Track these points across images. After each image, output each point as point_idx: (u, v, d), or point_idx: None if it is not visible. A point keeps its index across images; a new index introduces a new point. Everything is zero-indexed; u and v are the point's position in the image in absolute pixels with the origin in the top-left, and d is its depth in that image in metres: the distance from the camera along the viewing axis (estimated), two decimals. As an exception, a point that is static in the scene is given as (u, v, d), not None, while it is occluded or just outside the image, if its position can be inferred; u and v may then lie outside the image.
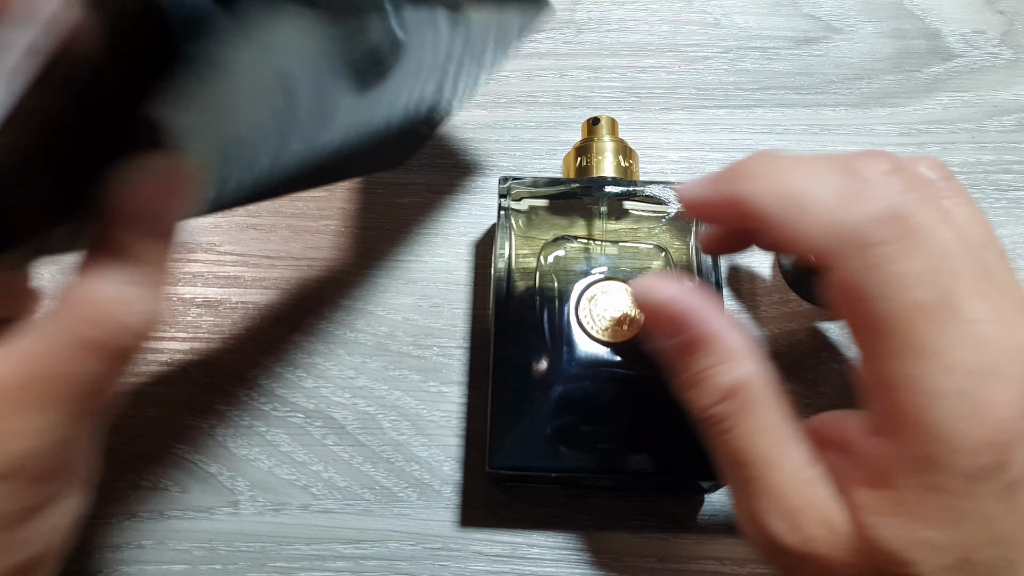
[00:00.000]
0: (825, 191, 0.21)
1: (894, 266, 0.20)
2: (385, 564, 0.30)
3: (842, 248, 0.20)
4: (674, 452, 0.27)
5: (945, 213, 0.21)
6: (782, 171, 0.22)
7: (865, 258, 0.20)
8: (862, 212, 0.20)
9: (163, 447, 0.31)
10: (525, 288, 0.30)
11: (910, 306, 0.20)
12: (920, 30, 0.39)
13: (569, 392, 0.28)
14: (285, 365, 0.32)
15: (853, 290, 0.20)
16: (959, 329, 0.20)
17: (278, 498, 0.31)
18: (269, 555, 0.30)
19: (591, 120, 0.34)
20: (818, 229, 0.21)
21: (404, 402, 0.32)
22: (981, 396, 0.19)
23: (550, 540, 0.30)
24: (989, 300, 0.20)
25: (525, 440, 0.28)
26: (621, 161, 0.32)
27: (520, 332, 0.29)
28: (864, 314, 0.20)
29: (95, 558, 0.30)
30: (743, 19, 0.39)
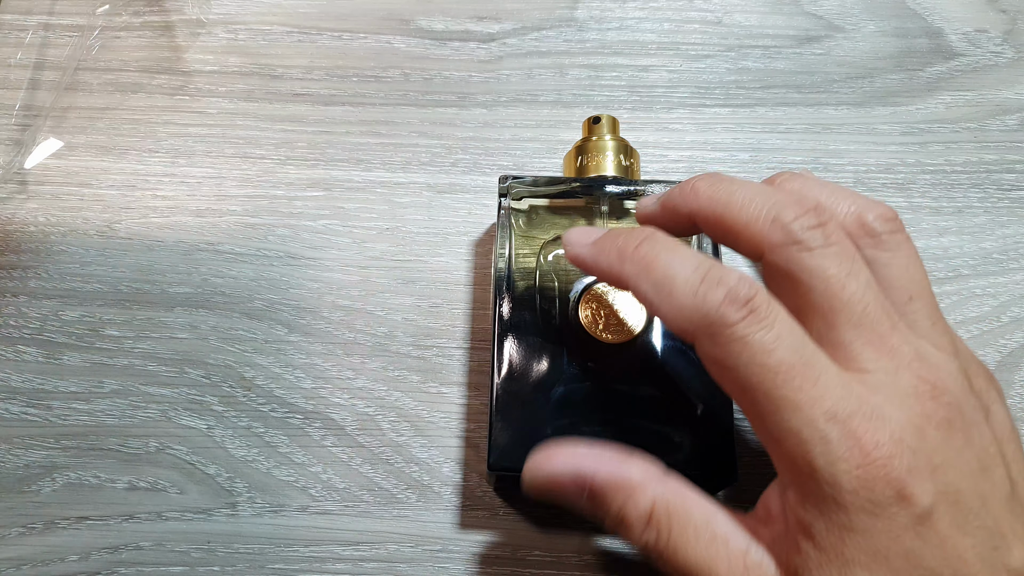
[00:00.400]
0: (691, 276, 0.23)
1: (753, 337, 0.21)
2: (384, 566, 0.29)
3: (699, 331, 0.22)
4: (676, 452, 0.27)
5: (860, 265, 0.23)
6: (657, 253, 0.24)
7: (722, 335, 0.22)
8: (717, 296, 0.22)
9: (160, 448, 0.31)
10: (525, 288, 0.30)
11: (775, 368, 0.21)
12: (922, 29, 0.38)
13: (569, 393, 0.28)
14: (284, 366, 0.32)
15: (724, 363, 0.22)
16: (837, 378, 0.21)
17: (276, 499, 0.30)
18: (267, 557, 0.30)
19: (591, 119, 0.33)
20: (677, 314, 0.22)
21: (403, 403, 0.32)
22: (863, 436, 0.21)
23: (550, 543, 0.30)
24: (885, 349, 0.22)
25: (525, 440, 0.27)
26: (622, 160, 0.32)
27: (520, 332, 0.29)
28: (734, 381, 0.22)
29: (92, 560, 0.29)
30: (745, 17, 0.39)
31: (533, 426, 0.28)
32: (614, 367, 0.28)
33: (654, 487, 0.24)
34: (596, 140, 0.32)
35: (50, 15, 0.38)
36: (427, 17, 0.39)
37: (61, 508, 0.30)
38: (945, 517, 0.20)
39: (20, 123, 0.36)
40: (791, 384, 0.21)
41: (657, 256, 0.23)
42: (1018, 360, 0.33)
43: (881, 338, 0.22)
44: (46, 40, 0.38)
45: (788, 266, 0.23)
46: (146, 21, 0.38)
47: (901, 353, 0.22)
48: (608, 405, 0.28)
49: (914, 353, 0.22)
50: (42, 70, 0.37)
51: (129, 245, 0.34)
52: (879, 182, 0.35)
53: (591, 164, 0.32)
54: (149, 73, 0.37)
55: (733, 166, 0.36)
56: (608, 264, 0.24)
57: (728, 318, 0.22)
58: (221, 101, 0.37)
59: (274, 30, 0.38)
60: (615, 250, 0.24)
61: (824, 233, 0.22)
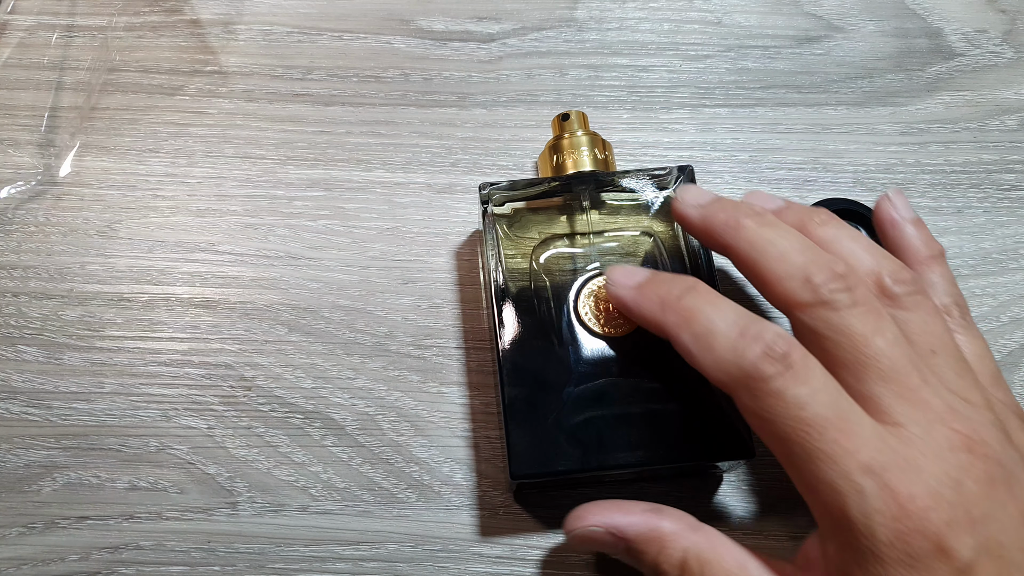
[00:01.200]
0: (730, 331, 0.23)
1: (788, 391, 0.22)
2: (384, 566, 0.29)
3: (737, 384, 0.23)
4: (689, 437, 0.28)
5: (887, 323, 0.23)
6: (699, 306, 0.24)
7: (759, 389, 0.22)
8: (755, 351, 0.23)
9: (161, 448, 0.31)
10: (521, 292, 0.29)
11: (810, 421, 0.22)
12: (922, 29, 0.38)
13: (582, 392, 0.28)
14: (284, 365, 0.32)
15: (761, 415, 0.23)
16: (872, 431, 0.22)
17: (277, 499, 0.30)
18: (268, 556, 0.30)
19: (560, 116, 0.33)
20: (716, 366, 0.23)
21: (403, 403, 0.32)
22: (899, 488, 0.21)
23: (551, 541, 0.30)
24: (917, 402, 0.22)
25: (544, 446, 0.27)
26: (597, 154, 0.32)
27: (523, 338, 0.29)
28: (771, 433, 0.23)
29: (92, 559, 0.29)
30: (744, 18, 0.39)
31: (550, 431, 0.27)
32: (621, 360, 0.28)
33: (686, 537, 0.26)
34: (569, 137, 0.32)
35: (46, 15, 0.38)
36: (427, 17, 0.39)
37: (61, 508, 0.30)
38: (988, 571, 0.20)
39: (50, 126, 0.36)
40: (825, 437, 0.22)
41: (699, 309, 0.24)
42: (1018, 360, 0.33)
43: (912, 391, 0.23)
44: (52, 42, 0.38)
45: (816, 324, 0.23)
46: (146, 22, 0.38)
47: (933, 406, 0.22)
48: (621, 398, 0.28)
49: (946, 406, 0.23)
50: (51, 71, 0.37)
51: (129, 245, 0.34)
52: (879, 182, 0.35)
53: (567, 161, 0.32)
54: (149, 73, 0.37)
55: (733, 166, 0.36)
56: (651, 312, 0.26)
57: (764, 372, 0.22)
58: (221, 101, 0.37)
59: (274, 30, 0.38)
60: (657, 298, 0.25)
61: (852, 296, 0.23)
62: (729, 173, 0.36)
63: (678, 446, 0.28)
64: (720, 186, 0.35)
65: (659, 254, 0.30)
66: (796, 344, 0.23)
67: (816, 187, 0.35)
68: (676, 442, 0.28)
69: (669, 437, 0.28)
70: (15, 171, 0.35)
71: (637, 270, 0.27)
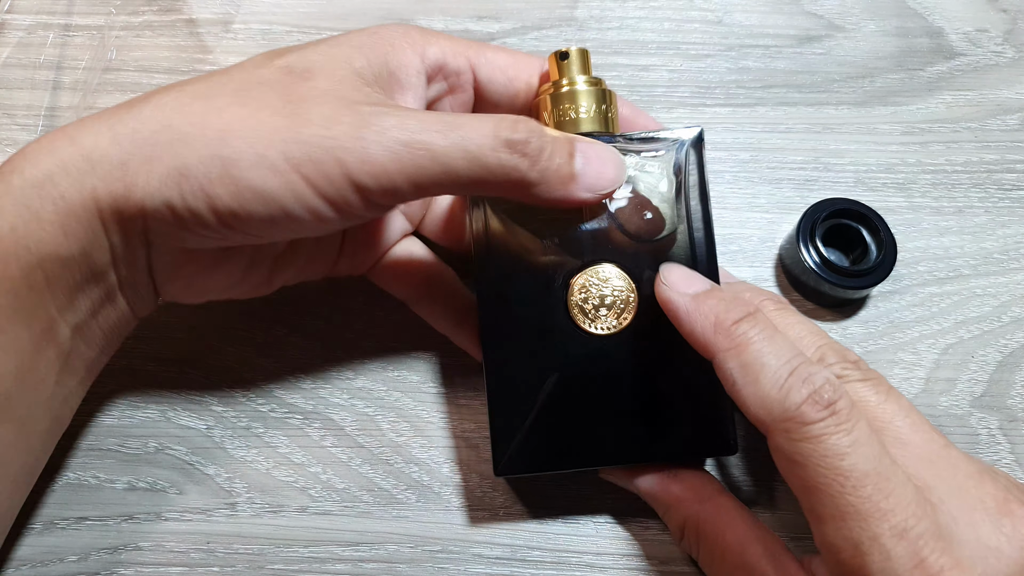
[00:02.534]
0: (780, 369, 0.23)
1: (829, 438, 0.22)
2: (384, 567, 0.29)
3: (775, 424, 0.23)
4: (673, 434, 0.28)
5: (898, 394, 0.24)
6: (752, 337, 0.24)
7: (799, 432, 0.22)
8: (801, 393, 0.22)
9: (160, 448, 0.31)
10: (510, 280, 0.28)
11: (846, 472, 0.21)
12: (923, 28, 0.38)
13: (568, 390, 0.28)
14: (283, 366, 0.32)
15: (794, 459, 0.22)
16: (912, 496, 0.21)
17: (276, 500, 0.30)
18: (267, 557, 0.29)
19: (558, 54, 0.28)
20: (757, 402, 0.23)
21: (403, 403, 0.32)
22: (928, 559, 0.20)
23: (550, 543, 0.30)
24: (941, 468, 0.22)
25: (529, 442, 0.27)
26: (600, 108, 0.28)
27: (510, 331, 0.28)
28: (801, 479, 0.22)
29: (91, 560, 0.29)
30: (745, 17, 0.39)
31: (535, 427, 0.27)
32: (608, 357, 0.28)
33: (690, 506, 0.27)
34: (568, 87, 0.28)
35: (43, 15, 0.38)
36: (427, 16, 0.39)
37: (60, 508, 0.30)
38: None
39: (47, 125, 0.36)
40: (860, 492, 0.21)
41: (751, 340, 0.24)
42: (1019, 360, 0.32)
43: (934, 462, 0.23)
44: (49, 41, 0.38)
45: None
46: (144, 21, 0.38)
47: (958, 473, 0.23)
48: (605, 395, 0.28)
49: (969, 474, 0.23)
50: (49, 71, 0.37)
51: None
52: (880, 182, 0.35)
53: (565, 120, 0.28)
54: (147, 73, 0.37)
55: (734, 166, 0.36)
56: (701, 329, 0.25)
57: (807, 416, 0.22)
58: (220, 100, 0.37)
59: (273, 29, 0.38)
60: (712, 317, 0.24)
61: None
62: (730, 173, 0.36)
63: (661, 443, 0.28)
64: (721, 186, 0.35)
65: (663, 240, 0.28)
66: (845, 394, 0.22)
67: (817, 187, 0.35)
68: (659, 439, 0.28)
69: (653, 434, 0.28)
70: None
71: (695, 276, 0.26)
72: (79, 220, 0.23)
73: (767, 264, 0.34)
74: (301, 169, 0.22)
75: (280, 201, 0.22)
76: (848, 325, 0.33)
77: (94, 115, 0.24)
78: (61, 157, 0.23)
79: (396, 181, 0.22)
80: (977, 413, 0.32)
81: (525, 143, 0.23)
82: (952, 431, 0.31)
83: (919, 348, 0.33)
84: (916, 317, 0.33)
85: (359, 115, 0.22)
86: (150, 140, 0.22)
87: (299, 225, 0.23)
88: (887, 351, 0.33)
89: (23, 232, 0.22)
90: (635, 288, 0.28)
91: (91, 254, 0.23)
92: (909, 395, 0.32)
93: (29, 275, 0.23)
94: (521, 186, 0.24)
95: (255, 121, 0.22)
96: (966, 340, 0.33)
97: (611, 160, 0.26)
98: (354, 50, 0.25)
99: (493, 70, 0.28)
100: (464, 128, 0.23)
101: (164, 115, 0.23)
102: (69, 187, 0.22)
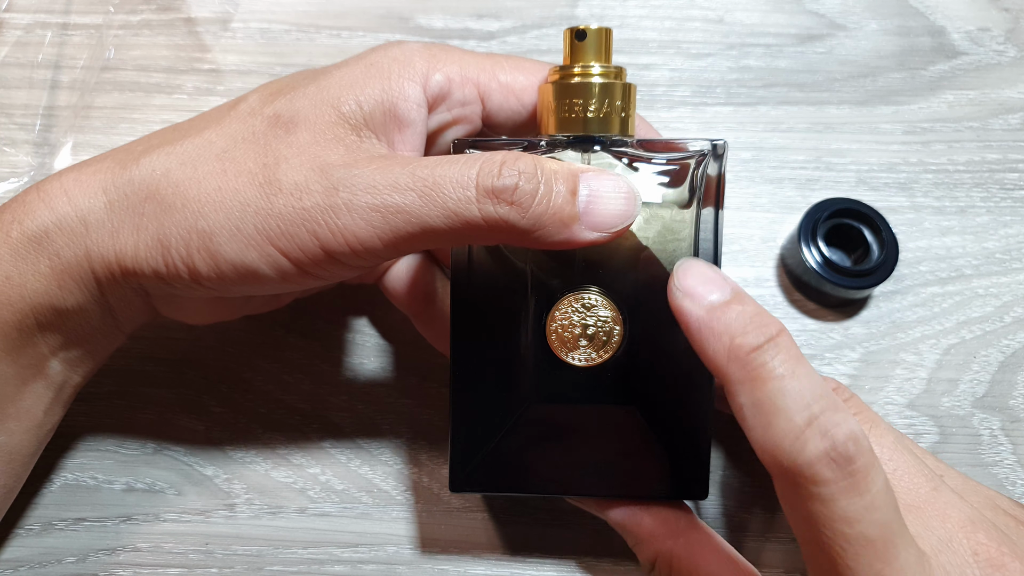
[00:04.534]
0: (798, 416, 0.20)
1: (839, 503, 0.20)
2: (383, 568, 0.29)
3: (785, 476, 0.21)
4: (647, 470, 0.26)
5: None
6: (772, 369, 0.21)
7: (809, 491, 0.20)
8: (817, 448, 0.20)
9: (159, 449, 0.31)
10: (489, 299, 0.26)
11: (853, 540, 0.20)
12: (925, 27, 0.38)
13: (538, 416, 0.26)
14: (282, 366, 0.32)
15: (798, 512, 0.21)
16: (916, 563, 0.20)
17: (275, 501, 0.30)
18: (266, 559, 0.29)
19: (574, 32, 0.24)
20: (769, 448, 0.21)
21: (402, 404, 0.32)
22: None
23: (550, 544, 0.30)
24: (929, 518, 0.22)
25: (489, 464, 0.26)
26: (617, 106, 0.24)
27: (484, 349, 0.26)
28: (806, 533, 0.21)
29: (90, 561, 0.29)
30: (746, 16, 0.39)
31: (497, 450, 0.26)
32: (582, 388, 0.26)
33: (662, 541, 0.25)
34: (580, 77, 0.24)
35: (42, 13, 0.38)
36: (426, 15, 0.38)
37: (58, 509, 0.30)
38: None
39: (45, 124, 0.36)
40: (862, 560, 0.20)
41: (770, 373, 0.21)
42: (1021, 360, 0.32)
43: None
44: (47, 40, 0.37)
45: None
46: (142, 20, 0.38)
47: (960, 534, 0.22)
48: (575, 426, 0.26)
49: (968, 534, 0.22)
50: (47, 70, 0.37)
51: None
52: (881, 181, 0.35)
53: (570, 117, 0.24)
54: (146, 72, 0.37)
55: (735, 165, 0.35)
56: (713, 351, 0.21)
57: (820, 476, 0.20)
58: (218, 100, 0.37)
59: (272, 28, 0.38)
60: (727, 338, 0.21)
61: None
62: (732, 172, 0.35)
63: (628, 481, 0.26)
64: (722, 185, 0.35)
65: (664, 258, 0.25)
66: (866, 450, 0.20)
67: (819, 186, 0.35)
68: (627, 476, 0.26)
69: (620, 471, 0.26)
70: (11, 170, 0.35)
71: (716, 279, 0.22)
72: (73, 277, 0.24)
73: (768, 264, 0.34)
74: (275, 242, 0.23)
75: (258, 270, 0.23)
76: (850, 325, 0.33)
77: (90, 162, 0.25)
78: (58, 214, 0.24)
79: (371, 245, 0.22)
80: (979, 414, 0.32)
81: (511, 190, 0.22)
82: (954, 432, 0.31)
83: (921, 348, 0.32)
84: (918, 317, 0.33)
85: (330, 181, 0.22)
86: (138, 210, 0.24)
87: (280, 286, 0.24)
88: (889, 351, 0.32)
89: (18, 281, 0.24)
90: (622, 319, 0.25)
91: (86, 306, 0.25)
92: (911, 395, 0.32)
93: (21, 320, 0.24)
94: (513, 235, 0.22)
95: (231, 191, 0.23)
96: (968, 340, 0.33)
97: (622, 193, 0.23)
98: (345, 89, 0.24)
99: (506, 96, 0.26)
100: (442, 182, 0.22)
101: (152, 182, 0.24)
102: (65, 245, 0.24)
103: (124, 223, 0.24)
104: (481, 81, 0.26)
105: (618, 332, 0.25)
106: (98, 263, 0.24)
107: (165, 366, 0.32)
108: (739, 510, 0.30)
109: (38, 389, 0.26)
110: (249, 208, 0.23)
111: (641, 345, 0.25)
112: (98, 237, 0.24)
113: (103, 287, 0.25)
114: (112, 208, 0.24)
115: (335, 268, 0.23)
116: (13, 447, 0.26)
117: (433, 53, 0.26)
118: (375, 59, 0.25)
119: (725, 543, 0.26)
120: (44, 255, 0.24)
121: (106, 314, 0.26)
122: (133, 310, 0.26)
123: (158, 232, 0.23)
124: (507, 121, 0.27)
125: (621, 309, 0.25)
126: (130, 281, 0.24)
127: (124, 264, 0.24)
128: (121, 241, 0.24)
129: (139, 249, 0.23)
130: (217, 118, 0.25)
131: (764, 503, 0.30)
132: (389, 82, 0.25)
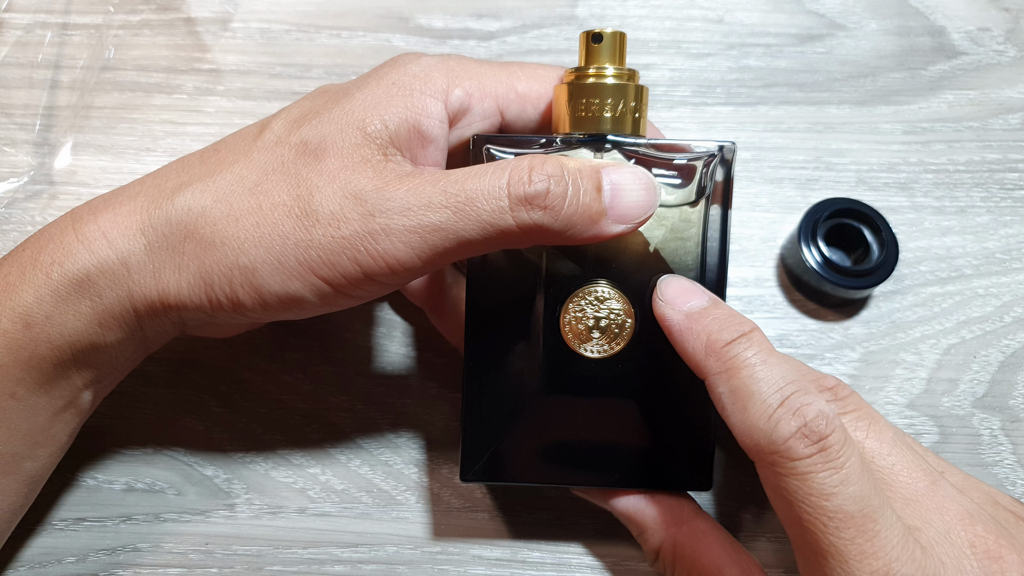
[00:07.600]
0: (771, 398, 0.22)
1: (815, 476, 0.21)
2: (384, 568, 0.29)
3: (762, 455, 0.22)
4: (648, 463, 0.27)
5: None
6: (745, 360, 0.23)
7: (785, 467, 0.21)
8: (790, 426, 0.21)
9: (158, 449, 0.31)
10: (504, 289, 0.26)
11: (831, 513, 0.21)
12: (925, 27, 0.38)
13: (548, 407, 0.27)
14: (282, 366, 0.32)
15: (779, 492, 0.22)
16: (899, 537, 0.21)
17: (275, 501, 0.30)
18: (266, 559, 0.29)
19: (591, 36, 0.25)
20: (746, 431, 0.22)
21: (403, 404, 0.32)
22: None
23: (551, 545, 0.30)
24: (927, 511, 0.22)
25: (501, 455, 0.27)
26: (630, 106, 0.25)
27: (497, 340, 0.26)
28: (788, 512, 0.22)
29: (90, 561, 0.29)
30: (746, 16, 0.39)
31: (509, 441, 0.27)
32: (593, 379, 0.27)
33: (666, 529, 0.26)
34: (595, 78, 0.25)
35: (41, 13, 0.38)
36: (426, 15, 0.38)
37: (58, 509, 0.30)
38: None
39: (44, 124, 0.36)
40: (843, 534, 0.21)
41: (744, 363, 0.23)
42: (1021, 360, 0.32)
43: (923, 500, 0.23)
44: (47, 40, 0.37)
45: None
46: (142, 20, 0.38)
47: (946, 513, 0.22)
48: (585, 417, 0.27)
49: (959, 512, 0.22)
50: (47, 70, 0.37)
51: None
52: (881, 181, 0.35)
53: (585, 116, 0.25)
54: (145, 72, 0.37)
55: (735, 165, 0.35)
56: (692, 349, 0.24)
57: (795, 452, 0.21)
58: (218, 99, 0.37)
59: (272, 28, 0.38)
60: (704, 336, 0.23)
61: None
62: (731, 172, 0.35)
63: (634, 471, 0.27)
64: (722, 185, 0.35)
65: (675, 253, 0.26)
66: (839, 427, 0.22)
67: (819, 186, 0.35)
68: (633, 467, 0.27)
69: (627, 461, 0.27)
70: (11, 170, 0.35)
71: (694, 290, 0.25)
72: (115, 316, 0.24)
73: (769, 264, 0.34)
74: (318, 272, 0.23)
75: (302, 298, 0.24)
76: (850, 325, 0.33)
77: (122, 199, 0.25)
78: (99, 258, 0.24)
79: (411, 265, 0.23)
80: (979, 414, 0.32)
81: (544, 195, 0.22)
82: (954, 432, 0.31)
83: (921, 348, 0.32)
84: (918, 317, 0.33)
85: (365, 207, 0.23)
86: (178, 250, 0.24)
87: (321, 309, 0.25)
88: (889, 351, 0.32)
89: (59, 320, 0.24)
90: (633, 312, 0.26)
91: (124, 342, 0.25)
92: (911, 395, 0.32)
93: (59, 357, 0.24)
94: (547, 236, 0.23)
95: (269, 226, 0.23)
96: (968, 340, 0.33)
97: (643, 184, 0.24)
98: (369, 110, 0.25)
99: (523, 107, 0.27)
100: (474, 196, 0.22)
101: (190, 221, 0.24)
102: (107, 287, 0.24)
103: (165, 264, 0.24)
104: (499, 94, 0.27)
105: (630, 324, 0.26)
106: (140, 302, 0.24)
107: (165, 366, 0.32)
108: (739, 510, 0.30)
109: (67, 417, 0.26)
110: (289, 241, 0.23)
111: (650, 339, 0.26)
112: (140, 278, 0.24)
113: (143, 322, 0.25)
114: (152, 249, 0.24)
115: (373, 288, 0.24)
116: (36, 471, 0.26)
117: (451, 67, 0.26)
118: (395, 77, 0.25)
119: (727, 533, 0.27)
120: (86, 296, 0.24)
121: (140, 345, 0.26)
122: (166, 336, 0.27)
123: (200, 270, 0.24)
124: (523, 129, 0.28)
125: (634, 301, 0.26)
126: (171, 315, 0.25)
127: (167, 301, 0.24)
128: (164, 281, 0.24)
129: (182, 287, 0.24)
130: (245, 150, 0.25)
131: (763, 503, 0.30)
132: (412, 99, 0.25)
